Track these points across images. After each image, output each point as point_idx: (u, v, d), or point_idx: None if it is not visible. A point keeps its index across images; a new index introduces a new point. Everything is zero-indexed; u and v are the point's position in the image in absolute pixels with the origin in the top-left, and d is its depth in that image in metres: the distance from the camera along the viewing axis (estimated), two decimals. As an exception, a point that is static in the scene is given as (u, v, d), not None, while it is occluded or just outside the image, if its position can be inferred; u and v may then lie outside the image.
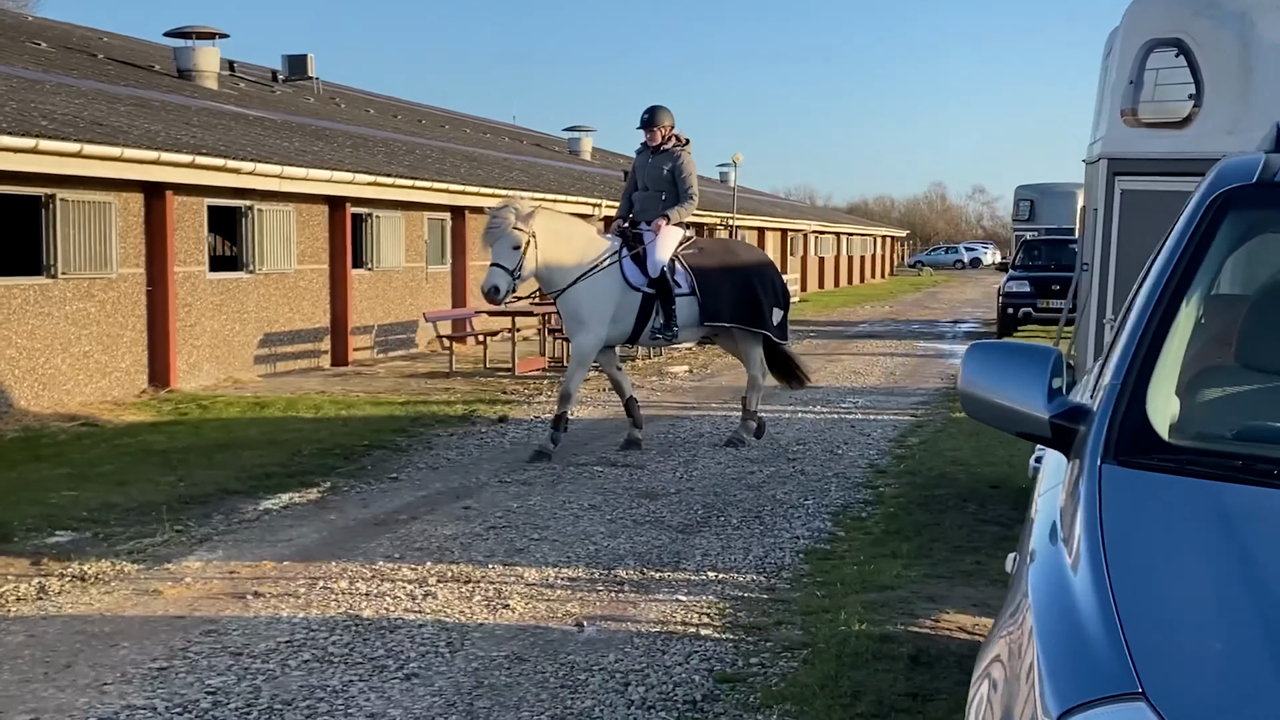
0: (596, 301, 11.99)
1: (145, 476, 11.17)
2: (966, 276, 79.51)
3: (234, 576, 7.94)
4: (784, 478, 11.17)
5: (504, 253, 11.54)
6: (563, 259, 11.85)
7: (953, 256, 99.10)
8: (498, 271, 11.49)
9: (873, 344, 26.73)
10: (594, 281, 11.96)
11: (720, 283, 12.39)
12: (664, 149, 12.49)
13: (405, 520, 9.47)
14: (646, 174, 12.53)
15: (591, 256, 12.01)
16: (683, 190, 12.43)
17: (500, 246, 11.55)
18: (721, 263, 12.55)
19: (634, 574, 7.96)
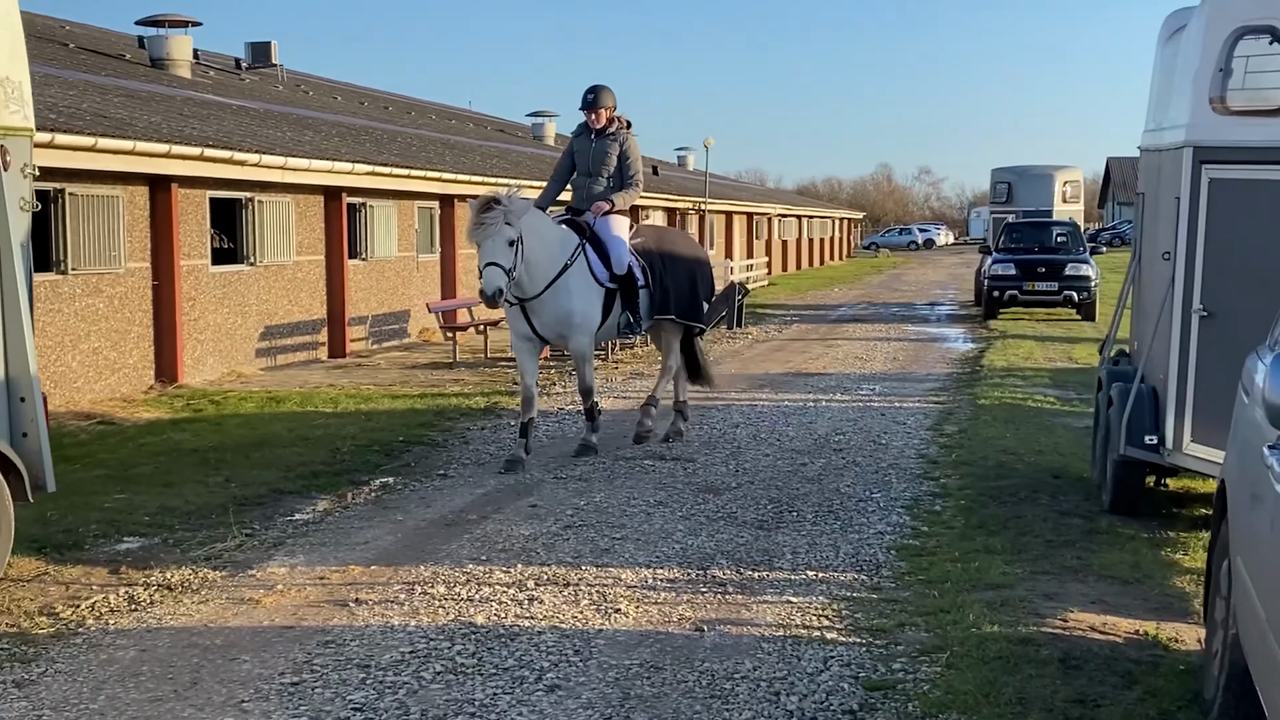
0: (585, 302, 11.51)
1: (190, 477, 10.96)
2: (922, 257, 79.89)
3: (325, 583, 7.78)
4: (839, 470, 11.11)
5: (500, 250, 10.67)
6: (540, 259, 11.14)
7: (906, 238, 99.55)
8: (496, 272, 10.64)
9: (861, 328, 26.74)
10: (575, 280, 11.38)
11: (665, 274, 12.05)
12: (608, 132, 11.84)
13: (476, 520, 9.33)
14: (590, 158, 11.89)
15: (563, 256, 11.36)
16: (628, 176, 11.86)
17: (495, 244, 10.66)
18: (665, 252, 12.17)
19: (731, 574, 7.87)
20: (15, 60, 8.06)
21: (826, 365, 19.45)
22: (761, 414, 14.33)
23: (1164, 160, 9.23)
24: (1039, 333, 24.54)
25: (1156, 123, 9.86)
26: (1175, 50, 9.48)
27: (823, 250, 71.64)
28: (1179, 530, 8.88)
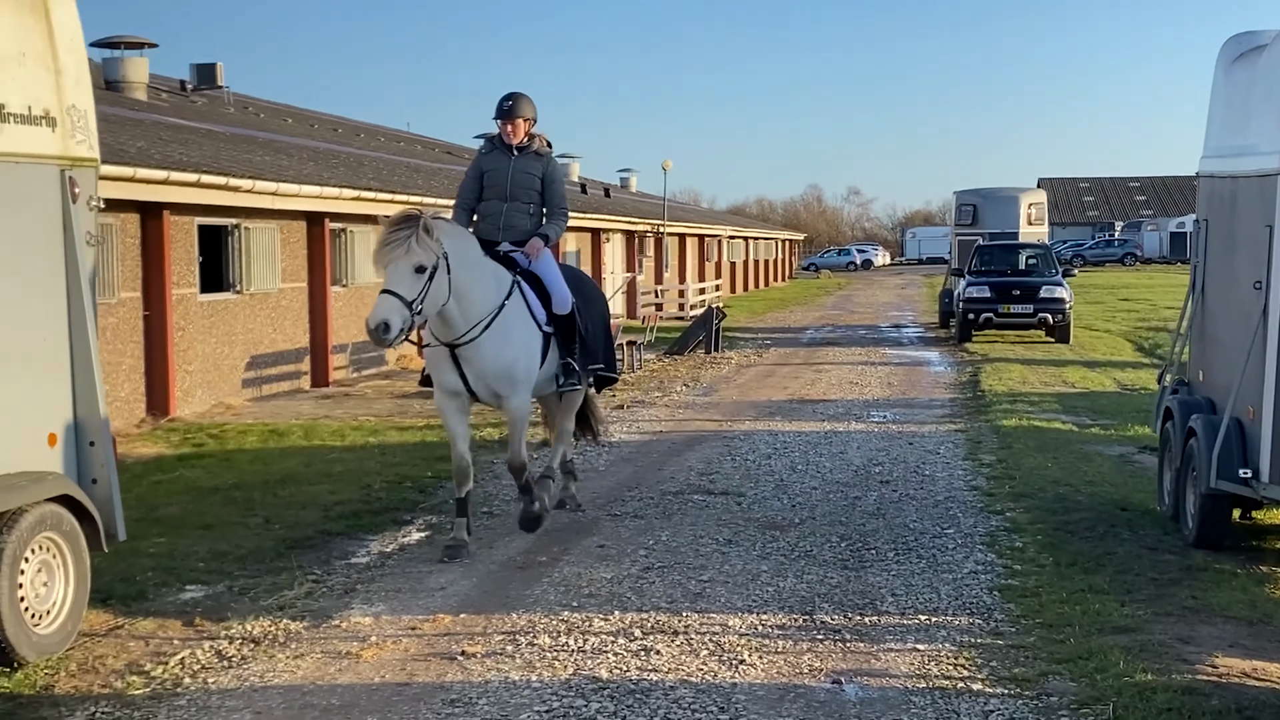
0: (527, 352, 9.39)
1: (227, 519, 10.54)
2: (864, 278, 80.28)
3: (419, 633, 7.43)
4: (895, 503, 10.90)
5: (402, 277, 8.44)
6: (473, 295, 8.95)
7: (845, 259, 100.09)
8: (391, 302, 8.37)
9: (838, 352, 26.64)
10: (515, 322, 9.27)
11: (589, 319, 10.17)
12: (530, 149, 9.83)
13: (548, 563, 9.02)
14: (509, 179, 9.72)
15: (498, 292, 9.22)
16: (556, 205, 9.92)
17: (398, 268, 8.46)
18: (580, 290, 10.21)
19: (840, 619, 7.62)
20: (81, 88, 7.70)
21: (825, 391, 19.29)
22: (786, 444, 14.10)
23: (1242, 187, 9.12)
24: (1019, 355, 24.55)
25: (1225, 148, 9.74)
26: (1247, 74, 9.38)
27: (767, 272, 71.79)
28: (1270, 564, 8.76)
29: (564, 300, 9.75)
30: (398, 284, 8.44)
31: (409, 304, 8.42)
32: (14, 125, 7.08)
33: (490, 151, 9.91)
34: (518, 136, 9.79)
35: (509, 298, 9.26)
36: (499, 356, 9.17)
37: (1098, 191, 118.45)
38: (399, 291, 8.41)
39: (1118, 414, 16.18)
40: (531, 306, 9.50)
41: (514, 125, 9.80)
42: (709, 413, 17.01)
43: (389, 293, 8.41)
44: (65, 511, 7.16)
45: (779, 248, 77.63)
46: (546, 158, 9.90)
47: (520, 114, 9.81)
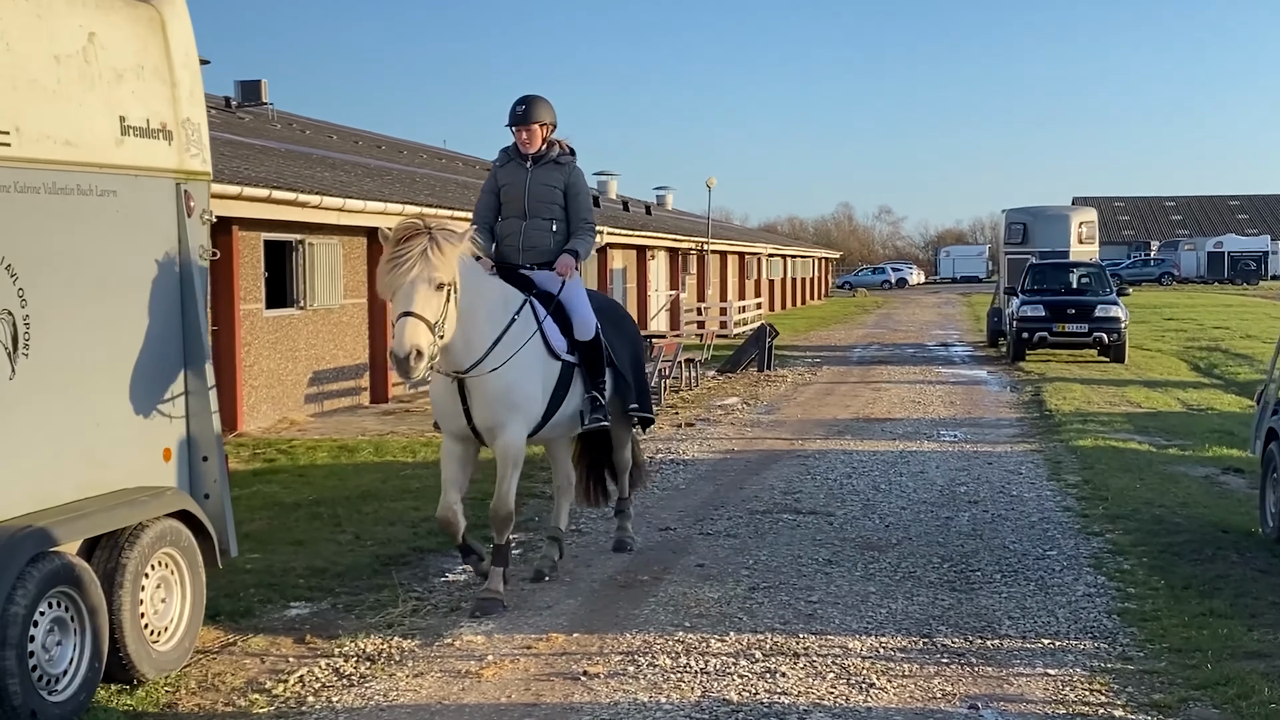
0: (529, 381, 8.26)
1: (317, 535, 10.48)
2: (900, 297, 80.00)
3: (535, 653, 7.35)
4: (988, 524, 10.77)
5: (422, 296, 7.36)
6: (479, 320, 7.94)
7: (880, 277, 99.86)
8: (416, 327, 7.30)
9: (892, 370, 26.48)
10: (521, 343, 8.18)
11: (620, 350, 9.10)
12: (549, 158, 8.77)
13: (650, 582, 8.92)
14: (526, 193, 8.70)
15: (505, 317, 8.17)
16: (581, 218, 8.83)
17: (416, 288, 7.36)
18: (614, 321, 9.18)
19: (960, 642, 7.50)
20: (194, 101, 7.67)
21: (889, 410, 19.14)
22: (863, 463, 13.98)
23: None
24: (1076, 375, 24.34)
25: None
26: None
27: (805, 290, 71.66)
28: (1388, 589, 8.60)
29: (586, 324, 8.63)
30: (419, 304, 7.31)
31: (433, 327, 7.37)
32: (133, 138, 7.05)
33: (505, 164, 8.83)
34: (534, 145, 8.71)
35: (518, 314, 8.21)
36: (497, 379, 8.01)
37: (1133, 211, 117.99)
38: (421, 313, 7.30)
39: (1190, 434, 16.00)
40: (546, 330, 8.35)
41: (529, 132, 8.71)
42: (777, 431, 16.90)
43: (411, 315, 7.29)
44: (183, 527, 7.12)
45: (816, 266, 77.50)
46: (568, 166, 8.81)
47: (536, 118, 8.71)
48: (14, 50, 6.18)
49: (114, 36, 6.87)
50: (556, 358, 8.43)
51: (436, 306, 7.41)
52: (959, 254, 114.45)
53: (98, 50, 6.74)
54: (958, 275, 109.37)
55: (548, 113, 8.78)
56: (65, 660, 6.20)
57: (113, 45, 6.85)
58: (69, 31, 6.57)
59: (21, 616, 5.84)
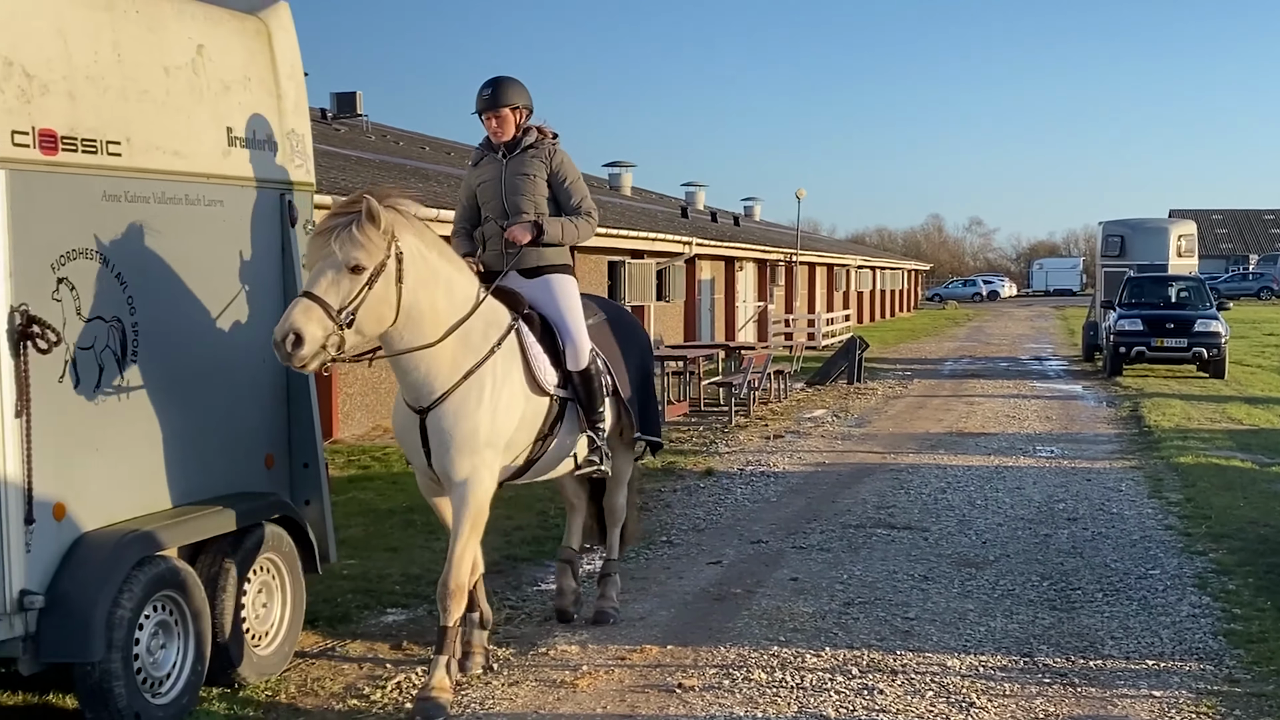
0: (501, 413, 6.84)
1: (411, 542, 10.56)
2: (991, 309, 79.01)
3: (629, 664, 7.33)
4: (1088, 541, 10.59)
5: (328, 276, 6.19)
6: (446, 343, 6.65)
7: (971, 290, 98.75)
8: (308, 310, 6.09)
9: (984, 384, 26.15)
10: (494, 377, 6.82)
11: (628, 372, 7.88)
12: (526, 145, 7.47)
13: (743, 595, 8.88)
14: (502, 188, 7.43)
15: (484, 337, 6.88)
16: (574, 207, 7.47)
17: (323, 269, 6.22)
18: (623, 340, 7.93)
19: (1062, 662, 7.37)
20: (299, 113, 7.77)
21: (983, 425, 18.91)
22: (958, 478, 13.82)
23: None
24: (1175, 390, 23.89)
25: None
26: None
27: (894, 302, 71.12)
28: None
29: (579, 351, 7.29)
30: (322, 286, 6.16)
31: (335, 313, 6.15)
32: (239, 149, 7.15)
33: (479, 160, 7.64)
34: (506, 132, 7.46)
35: (499, 346, 6.87)
36: (458, 421, 6.67)
37: (1231, 224, 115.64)
38: (320, 294, 6.15)
39: (1295, 453, 15.64)
40: (533, 359, 7.09)
41: (499, 119, 7.45)
42: (868, 444, 16.76)
43: (305, 295, 6.17)
44: (284, 533, 7.20)
45: (905, 278, 76.89)
46: (547, 150, 7.46)
47: (506, 101, 7.44)
48: (125, 62, 6.30)
49: (222, 49, 6.97)
50: (544, 393, 7.14)
51: (346, 291, 6.17)
52: (1052, 266, 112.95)
53: (206, 62, 6.84)
54: (1051, 288, 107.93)
55: (520, 95, 7.52)
56: (169, 663, 6.29)
57: (220, 57, 6.96)
58: (178, 44, 6.68)
59: (127, 620, 5.93)
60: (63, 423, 5.86)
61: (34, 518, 5.68)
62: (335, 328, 6.15)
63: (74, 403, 5.93)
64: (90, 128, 6.04)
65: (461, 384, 6.69)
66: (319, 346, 6.11)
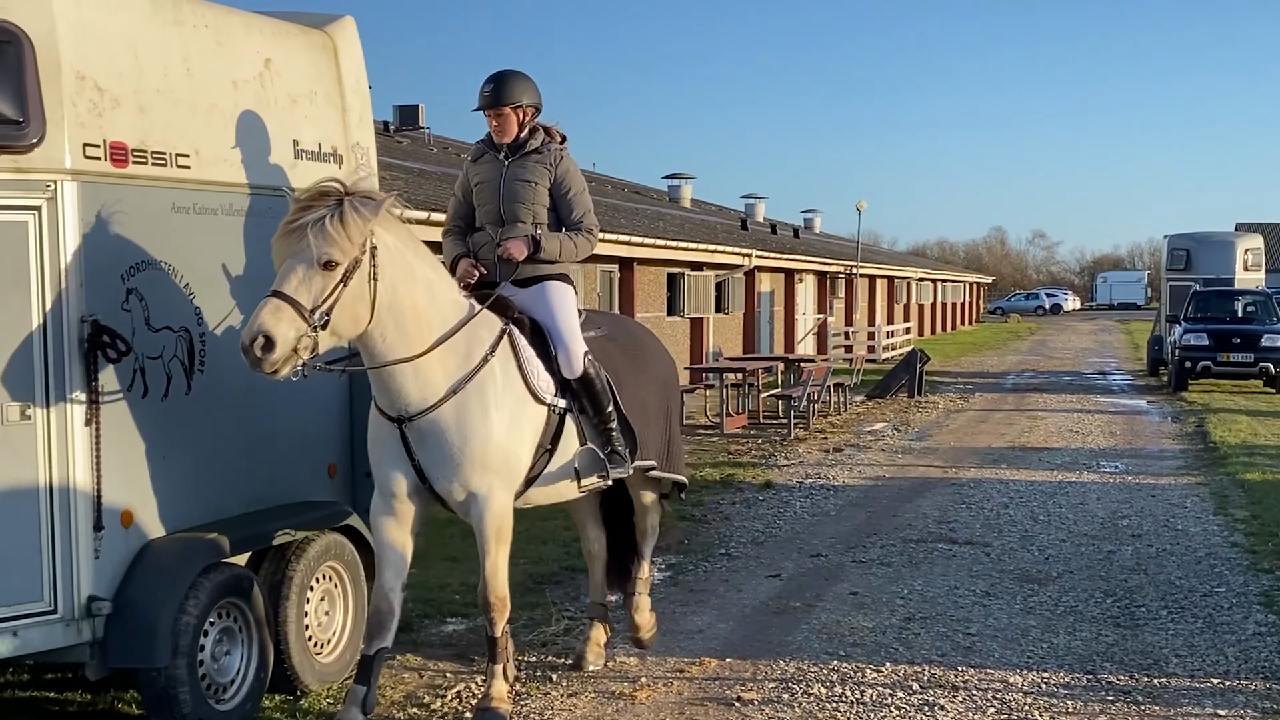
0: (504, 427, 6.39)
1: (467, 552, 10.36)
2: (1055, 323, 78.27)
3: (688, 676, 7.34)
4: (1153, 558, 10.47)
5: (299, 274, 5.74)
6: (424, 335, 6.18)
7: (1034, 303, 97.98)
8: (279, 310, 5.66)
9: (1047, 398, 25.92)
10: (493, 387, 6.37)
11: (636, 393, 7.12)
12: (530, 148, 6.89)
13: (801, 608, 8.86)
14: (505, 192, 6.86)
15: (476, 348, 6.39)
16: (574, 221, 6.90)
17: (293, 266, 5.77)
18: (634, 357, 7.27)
19: (1126, 679, 7.30)
20: (364, 126, 7.84)
21: (1046, 439, 18.75)
22: (1020, 493, 13.71)
23: None
24: (1241, 406, 23.58)
25: None
26: None
27: (955, 315, 70.66)
28: None
29: (572, 356, 6.70)
30: (292, 284, 5.70)
31: (308, 314, 5.71)
32: (306, 161, 7.22)
33: (478, 158, 7.05)
34: (508, 133, 6.86)
35: (492, 353, 6.40)
36: (464, 433, 6.24)
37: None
38: (292, 294, 5.68)
39: (1365, 471, 15.38)
40: (527, 368, 6.57)
41: (500, 118, 6.85)
42: (929, 458, 16.66)
43: (275, 295, 5.69)
44: (347, 542, 7.25)
45: (966, 291, 76.38)
46: (552, 155, 6.88)
47: (509, 99, 6.83)
48: (195, 76, 6.39)
49: (289, 62, 7.06)
50: (541, 402, 6.63)
51: (318, 289, 5.73)
52: (1116, 280, 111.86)
53: (273, 76, 6.93)
54: (1115, 302, 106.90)
55: (525, 92, 6.89)
56: (233, 670, 6.35)
57: (287, 71, 7.04)
58: (247, 58, 6.77)
59: (193, 626, 6.00)
60: (131, 431, 5.95)
61: (102, 524, 5.77)
62: (308, 329, 5.70)
63: (142, 411, 6.02)
64: (160, 140, 6.13)
65: (458, 392, 6.22)
66: (290, 350, 5.65)
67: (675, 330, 28.17)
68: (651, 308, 26.81)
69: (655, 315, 26.96)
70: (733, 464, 15.91)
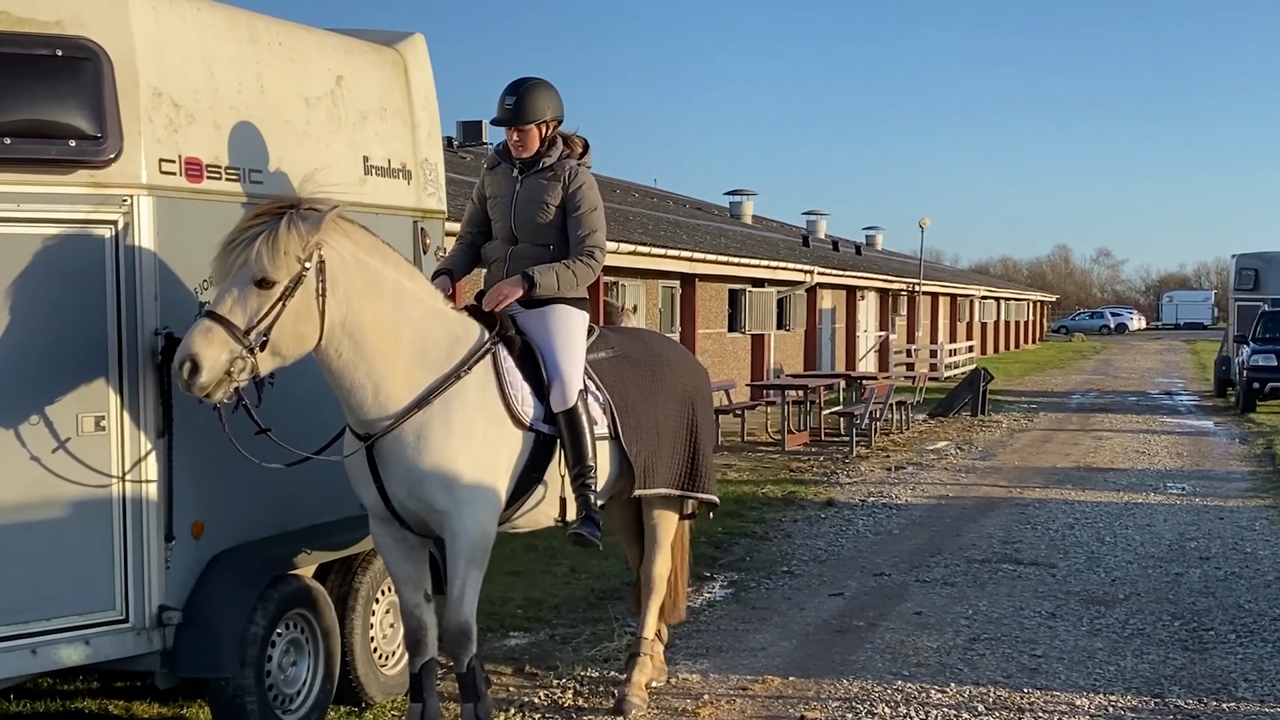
0: (475, 451, 6.04)
1: (532, 566, 10.65)
2: (1117, 342, 77.47)
3: (751, 694, 7.31)
4: (1221, 581, 10.33)
5: (232, 295, 5.48)
6: (402, 356, 5.91)
7: (1099, 322, 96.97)
8: (209, 332, 5.40)
9: (1113, 419, 25.64)
10: (467, 406, 6.04)
11: (646, 415, 6.78)
12: (544, 165, 6.55)
13: (865, 627, 8.81)
14: (516, 211, 6.56)
15: (448, 354, 6.07)
16: (578, 241, 6.51)
17: (229, 285, 5.50)
18: (649, 374, 6.88)
19: (1195, 704, 7.20)
20: (432, 142, 7.89)
21: (1112, 460, 18.54)
22: (1086, 514, 13.57)
23: None
24: (1311, 428, 23.23)
25: None
26: None
27: (1018, 333, 70.07)
28: None
29: (566, 387, 6.28)
30: (225, 303, 5.45)
31: (242, 334, 5.43)
32: (375, 177, 7.28)
33: (494, 166, 6.74)
34: (529, 149, 6.53)
35: (469, 366, 6.07)
36: (431, 451, 5.91)
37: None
38: (224, 313, 5.43)
39: None
40: (509, 389, 6.19)
41: (521, 134, 6.51)
42: (993, 478, 16.52)
43: (208, 315, 5.45)
44: (412, 555, 7.26)
45: (1030, 309, 75.73)
46: (567, 173, 6.52)
47: (532, 117, 6.47)
48: (268, 93, 6.47)
49: (360, 80, 7.13)
50: (523, 426, 6.24)
51: (254, 309, 5.46)
52: (1183, 299, 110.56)
53: (344, 93, 7.00)
54: (1181, 321, 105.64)
55: (549, 105, 6.53)
56: (299, 680, 6.40)
57: (358, 88, 7.11)
58: (318, 75, 6.84)
59: (260, 636, 6.05)
60: (203, 443, 6.01)
61: (174, 535, 5.83)
62: (243, 350, 5.42)
63: (213, 424, 6.08)
64: (234, 156, 6.21)
65: (422, 406, 5.90)
66: (222, 373, 5.38)
67: (736, 347, 28.16)
68: (713, 324, 26.81)
69: (717, 331, 26.96)
70: (794, 481, 15.86)
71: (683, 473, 6.97)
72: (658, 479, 6.81)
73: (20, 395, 5.53)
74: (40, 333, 5.58)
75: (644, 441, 6.70)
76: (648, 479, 6.75)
